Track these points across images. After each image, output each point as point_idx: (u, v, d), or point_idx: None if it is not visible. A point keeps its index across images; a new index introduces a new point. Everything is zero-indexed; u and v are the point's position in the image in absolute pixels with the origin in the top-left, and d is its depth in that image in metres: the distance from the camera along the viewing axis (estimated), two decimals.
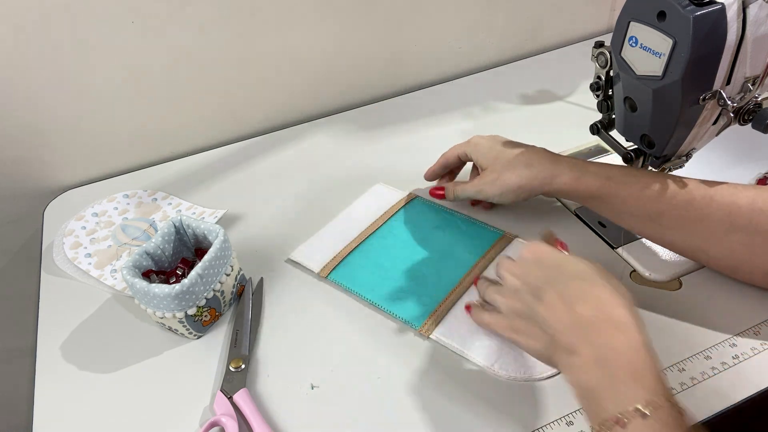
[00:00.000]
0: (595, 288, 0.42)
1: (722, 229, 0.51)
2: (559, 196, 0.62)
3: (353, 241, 0.65)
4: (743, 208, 0.50)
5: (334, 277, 0.62)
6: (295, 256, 0.65)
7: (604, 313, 0.40)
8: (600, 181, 0.55)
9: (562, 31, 1.00)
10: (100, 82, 0.74)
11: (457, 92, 0.92)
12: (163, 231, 0.59)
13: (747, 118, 0.52)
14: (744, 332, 0.53)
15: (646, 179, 0.54)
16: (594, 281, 0.42)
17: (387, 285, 0.60)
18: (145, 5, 0.70)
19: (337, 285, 0.61)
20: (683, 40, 0.46)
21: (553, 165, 0.58)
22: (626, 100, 0.55)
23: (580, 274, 0.43)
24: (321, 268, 0.62)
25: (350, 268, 0.62)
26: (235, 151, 0.84)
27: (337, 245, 0.65)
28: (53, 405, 0.54)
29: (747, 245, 0.51)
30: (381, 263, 0.63)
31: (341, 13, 0.82)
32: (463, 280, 0.60)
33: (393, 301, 0.59)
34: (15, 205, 0.79)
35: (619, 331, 0.39)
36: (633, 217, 0.55)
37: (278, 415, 0.51)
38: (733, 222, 0.50)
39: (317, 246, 0.65)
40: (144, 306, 0.55)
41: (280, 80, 0.84)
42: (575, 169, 0.57)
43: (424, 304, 0.58)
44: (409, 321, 0.57)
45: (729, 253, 0.52)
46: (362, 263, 0.63)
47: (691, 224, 0.52)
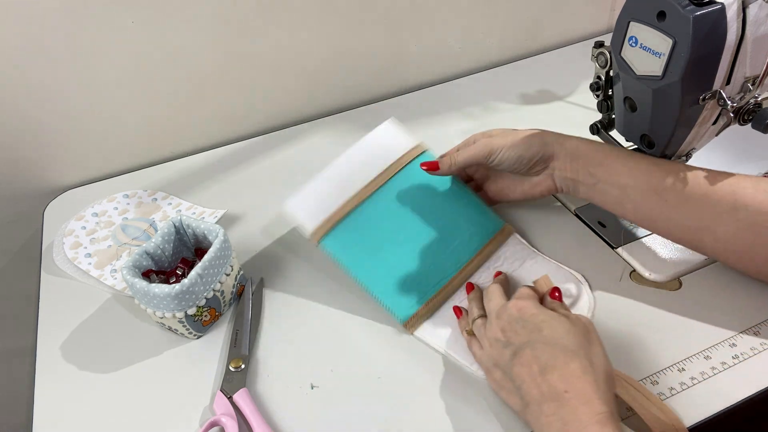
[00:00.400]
0: (570, 359, 0.43)
1: (728, 206, 0.50)
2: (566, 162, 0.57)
3: (351, 200, 0.61)
4: (747, 187, 0.50)
5: (326, 244, 0.59)
6: (290, 208, 0.60)
7: (573, 385, 0.42)
8: (609, 149, 0.56)
9: (562, 31, 1.00)
10: (100, 82, 0.74)
11: (457, 92, 0.92)
12: (163, 231, 0.59)
13: (747, 118, 0.52)
14: (744, 332, 0.53)
15: (652, 158, 0.55)
16: (570, 351, 0.44)
17: (379, 264, 0.59)
18: (144, 5, 0.70)
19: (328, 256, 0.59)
20: (683, 40, 0.46)
21: (563, 134, 0.59)
22: (626, 100, 0.55)
23: (558, 341, 0.45)
24: (314, 229, 0.59)
25: (343, 235, 0.59)
26: (235, 151, 0.84)
27: (333, 201, 0.60)
28: (53, 405, 0.54)
29: (753, 225, 0.50)
30: (377, 235, 0.60)
31: (341, 13, 0.82)
32: (455, 278, 0.59)
33: (382, 287, 0.58)
34: (15, 205, 0.79)
35: (585, 404, 0.41)
36: (638, 193, 0.54)
37: (278, 415, 0.51)
38: (738, 199, 0.50)
39: (313, 198, 0.61)
40: (144, 306, 0.55)
41: (280, 80, 0.84)
42: (586, 139, 0.58)
43: (413, 298, 0.57)
44: (395, 313, 0.56)
45: (735, 233, 0.51)
46: (357, 232, 0.60)
47: (696, 200, 0.51)
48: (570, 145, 0.57)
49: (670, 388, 0.50)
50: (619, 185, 0.55)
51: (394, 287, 0.58)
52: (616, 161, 0.55)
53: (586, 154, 0.56)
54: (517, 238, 0.63)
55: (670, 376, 0.51)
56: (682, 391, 0.50)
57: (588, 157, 0.56)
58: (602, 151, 0.56)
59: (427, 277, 0.58)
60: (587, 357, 0.44)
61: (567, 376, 0.42)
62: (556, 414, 0.41)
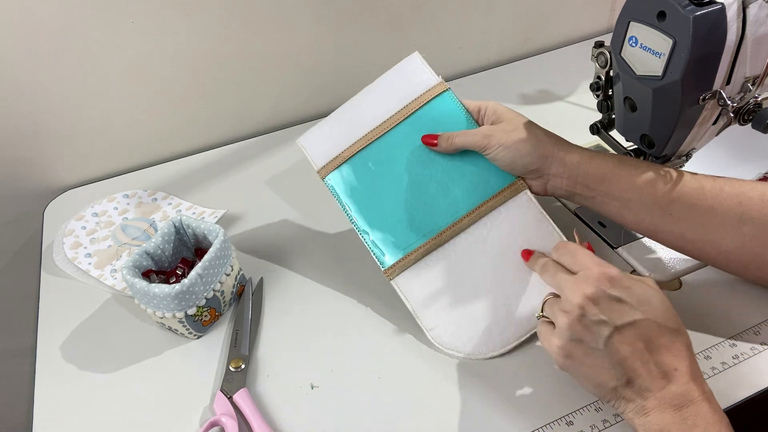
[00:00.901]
0: (675, 336, 0.43)
1: (734, 219, 0.50)
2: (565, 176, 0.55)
3: (362, 139, 0.60)
4: (754, 199, 0.49)
5: (331, 180, 0.60)
6: (302, 142, 0.62)
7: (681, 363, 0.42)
8: (613, 162, 0.54)
9: (562, 31, 1.00)
10: (100, 82, 0.74)
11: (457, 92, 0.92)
12: (163, 231, 0.59)
13: (747, 118, 0.52)
14: (744, 332, 0.53)
15: (656, 167, 0.53)
16: (673, 327, 0.43)
17: (376, 206, 0.58)
18: (145, 6, 0.70)
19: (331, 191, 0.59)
20: (683, 40, 0.46)
21: (568, 143, 0.56)
22: (626, 100, 0.55)
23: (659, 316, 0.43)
24: (322, 166, 0.60)
25: (349, 174, 0.59)
26: (235, 151, 0.84)
27: (345, 139, 0.61)
28: (53, 405, 0.54)
29: (758, 238, 0.49)
30: (380, 177, 0.59)
31: (341, 13, 0.82)
32: (446, 230, 0.56)
33: (372, 228, 0.57)
34: (15, 205, 0.79)
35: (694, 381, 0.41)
36: (642, 206, 0.52)
37: (278, 415, 0.51)
38: (744, 212, 0.49)
39: (326, 135, 0.62)
40: (144, 306, 0.55)
41: (280, 80, 0.84)
42: (588, 150, 0.55)
43: (400, 245, 0.56)
44: (377, 257, 0.57)
45: (740, 246, 0.51)
46: (362, 172, 0.59)
47: (702, 214, 0.51)
48: (570, 161, 0.54)
49: None
50: (621, 199, 0.53)
51: (384, 231, 0.57)
52: (620, 176, 0.53)
53: (586, 170, 0.54)
54: (528, 195, 0.57)
55: None
56: None
57: (589, 173, 0.54)
58: (604, 165, 0.54)
59: (419, 225, 0.57)
60: (687, 337, 0.43)
61: (675, 353, 0.42)
62: (667, 390, 0.41)
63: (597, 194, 0.54)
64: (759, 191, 0.50)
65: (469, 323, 0.54)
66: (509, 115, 0.58)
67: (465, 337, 0.54)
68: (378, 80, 0.63)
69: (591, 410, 0.49)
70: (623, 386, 0.43)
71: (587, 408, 0.49)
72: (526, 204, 0.57)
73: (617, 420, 0.48)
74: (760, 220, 0.49)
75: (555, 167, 0.54)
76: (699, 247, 0.52)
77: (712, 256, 0.53)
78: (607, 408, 0.49)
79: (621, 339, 0.42)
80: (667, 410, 0.41)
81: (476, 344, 0.54)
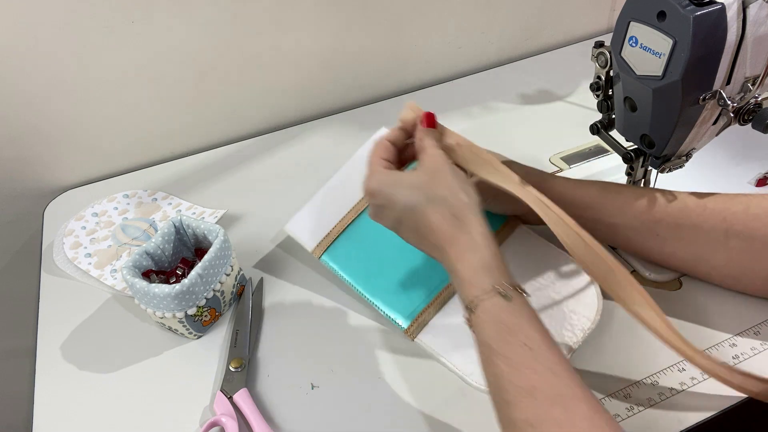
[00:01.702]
0: (428, 212, 0.45)
1: (719, 235, 0.51)
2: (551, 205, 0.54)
3: (350, 213, 0.61)
4: (738, 214, 0.50)
5: (327, 259, 0.60)
6: (291, 228, 0.63)
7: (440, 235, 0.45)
8: (597, 190, 0.55)
9: (562, 31, 1.00)
10: (100, 82, 0.74)
11: (457, 92, 0.92)
12: (163, 231, 0.59)
13: (747, 118, 0.52)
14: (744, 332, 0.53)
15: (640, 190, 0.54)
16: (425, 205, 0.46)
17: (378, 274, 0.58)
18: (145, 5, 0.70)
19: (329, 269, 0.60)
20: (683, 40, 0.46)
21: (548, 176, 0.56)
22: (626, 100, 0.55)
23: (407, 206, 0.46)
24: (315, 246, 0.61)
25: (342, 249, 0.60)
26: (235, 151, 0.84)
27: (332, 217, 0.62)
28: (53, 405, 0.54)
29: (746, 251, 0.50)
30: (374, 245, 0.59)
31: (341, 12, 0.82)
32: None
33: (382, 296, 0.57)
34: (15, 205, 0.79)
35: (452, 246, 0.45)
36: (629, 230, 0.54)
37: (278, 415, 0.51)
38: (729, 228, 0.50)
39: (313, 216, 0.62)
40: (144, 306, 0.55)
41: (280, 80, 0.84)
42: (571, 180, 0.56)
43: (413, 304, 0.56)
44: (395, 321, 0.56)
45: (729, 261, 0.52)
46: (355, 244, 0.60)
47: (688, 232, 0.52)
48: (554, 192, 0.53)
49: (670, 388, 0.50)
50: (609, 224, 0.54)
51: (393, 296, 0.57)
52: (604, 204, 0.54)
53: (572, 198, 0.54)
54: (524, 228, 0.60)
55: (670, 376, 0.51)
56: (682, 391, 0.50)
57: (574, 203, 0.54)
58: (588, 195, 0.54)
59: (425, 283, 0.57)
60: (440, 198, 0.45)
61: (432, 227, 0.45)
62: (445, 261, 0.46)
63: (586, 221, 0.52)
64: (743, 205, 0.50)
65: None
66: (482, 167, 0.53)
67: None
68: (353, 157, 0.64)
69: None
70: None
71: None
72: (525, 236, 0.59)
73: (617, 420, 0.48)
74: (746, 234, 0.50)
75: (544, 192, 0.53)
76: (690, 265, 0.54)
77: (703, 272, 0.54)
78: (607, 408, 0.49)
79: (403, 235, 0.49)
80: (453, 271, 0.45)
81: None
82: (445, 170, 0.47)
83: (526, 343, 0.39)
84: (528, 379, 0.38)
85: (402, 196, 0.46)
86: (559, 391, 0.37)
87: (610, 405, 0.49)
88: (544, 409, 0.36)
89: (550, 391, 0.37)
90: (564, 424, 0.35)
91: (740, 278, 0.53)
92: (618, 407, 0.49)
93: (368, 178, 0.49)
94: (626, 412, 0.48)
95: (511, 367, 0.39)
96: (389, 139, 0.51)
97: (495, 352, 0.40)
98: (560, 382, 0.38)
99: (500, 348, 0.40)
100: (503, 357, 0.39)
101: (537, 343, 0.39)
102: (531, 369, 0.38)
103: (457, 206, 0.45)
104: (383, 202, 0.48)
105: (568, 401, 0.36)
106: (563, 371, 0.38)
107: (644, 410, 0.48)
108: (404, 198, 0.46)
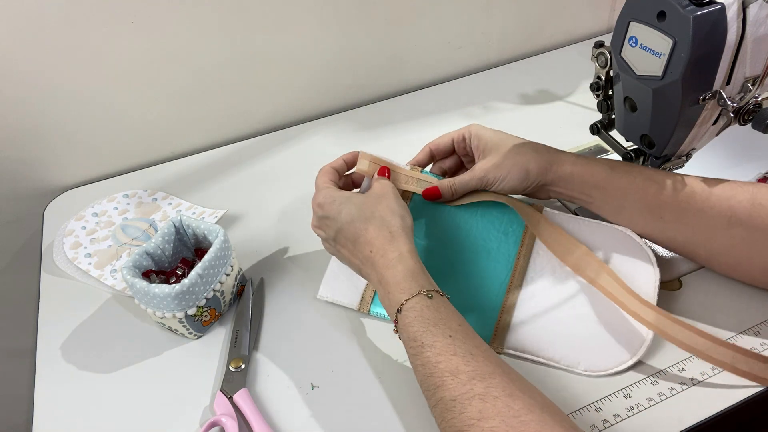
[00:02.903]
0: (368, 226, 0.52)
1: (723, 222, 0.51)
2: (562, 186, 0.57)
3: None
4: (743, 202, 0.50)
5: (377, 310, 0.58)
6: (325, 295, 0.60)
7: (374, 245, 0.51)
8: (605, 170, 0.55)
9: (562, 31, 1.00)
10: (100, 82, 0.74)
11: (457, 92, 0.92)
12: (163, 231, 0.59)
13: (747, 118, 0.52)
14: (744, 332, 0.53)
15: (648, 172, 0.54)
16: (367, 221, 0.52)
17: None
18: (145, 5, 0.70)
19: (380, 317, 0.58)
20: (683, 40, 0.46)
21: (559, 152, 0.58)
22: (626, 100, 0.55)
23: (355, 216, 0.53)
24: (359, 302, 0.58)
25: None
26: (235, 151, 0.84)
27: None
28: (53, 405, 0.54)
29: (747, 240, 0.50)
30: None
31: (342, 13, 0.82)
32: (512, 282, 0.56)
33: None
34: (15, 205, 0.79)
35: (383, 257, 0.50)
36: (634, 211, 0.55)
37: (278, 415, 0.51)
38: (733, 216, 0.50)
39: (341, 277, 0.60)
40: (144, 306, 0.55)
41: (280, 80, 0.84)
42: (581, 158, 0.57)
43: (483, 321, 0.54)
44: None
45: (729, 248, 0.52)
46: None
47: (692, 217, 0.52)
48: (564, 172, 0.56)
49: (670, 388, 0.50)
50: (615, 205, 0.55)
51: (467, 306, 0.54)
52: (612, 183, 0.55)
53: (581, 178, 0.56)
54: (549, 212, 0.59)
55: (671, 376, 0.51)
56: (682, 391, 0.50)
57: (583, 180, 0.56)
58: (597, 173, 0.55)
59: (486, 293, 0.56)
60: (379, 217, 0.52)
61: (369, 239, 0.51)
62: (373, 272, 0.51)
63: (594, 200, 0.56)
64: (749, 194, 0.50)
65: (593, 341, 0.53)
66: (494, 141, 0.59)
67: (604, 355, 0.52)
68: None
69: (591, 410, 0.49)
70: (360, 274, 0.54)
71: (587, 408, 0.49)
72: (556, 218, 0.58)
73: (617, 420, 0.48)
74: (749, 223, 0.50)
75: (551, 180, 0.57)
76: (690, 249, 0.54)
77: (702, 257, 0.55)
78: (607, 408, 0.49)
79: (340, 245, 0.54)
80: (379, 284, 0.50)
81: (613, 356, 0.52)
82: (390, 196, 0.54)
83: (447, 333, 0.45)
84: (450, 362, 0.43)
85: (348, 210, 0.53)
86: (477, 370, 0.42)
87: (610, 405, 0.49)
88: (466, 385, 0.42)
89: (470, 371, 0.42)
90: (484, 395, 0.41)
91: (738, 267, 0.54)
92: (618, 407, 0.49)
93: (318, 193, 0.56)
94: (626, 412, 0.48)
95: (436, 354, 0.44)
96: (333, 167, 0.59)
97: (422, 343, 0.45)
98: (478, 362, 0.43)
99: (426, 339, 0.45)
100: (429, 346, 0.45)
101: (457, 332, 0.45)
102: (453, 353, 0.44)
103: (393, 225, 0.52)
104: (329, 214, 0.54)
105: (486, 377, 0.42)
106: (480, 353, 0.44)
107: (644, 410, 0.48)
108: (349, 212, 0.53)
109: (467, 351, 0.44)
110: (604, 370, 0.51)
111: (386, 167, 0.59)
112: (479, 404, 0.40)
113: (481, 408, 0.40)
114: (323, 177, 0.58)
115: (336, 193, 0.55)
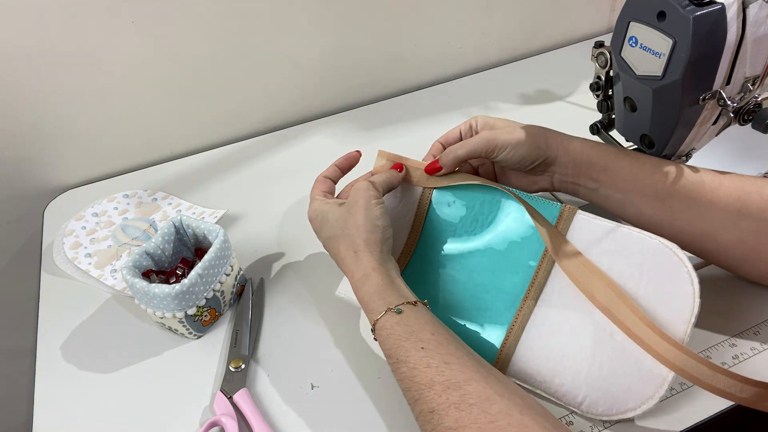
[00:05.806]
0: (339, 245, 0.53)
1: (732, 213, 0.50)
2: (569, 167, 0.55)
3: (400, 259, 0.58)
4: (753, 195, 0.49)
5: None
6: (343, 291, 0.60)
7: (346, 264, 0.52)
8: (614, 153, 0.55)
9: (562, 31, 1.00)
10: (100, 82, 0.74)
11: (457, 92, 0.92)
12: (163, 231, 0.59)
13: (747, 118, 0.52)
14: (744, 332, 0.53)
15: (656, 160, 0.54)
16: (338, 238, 0.53)
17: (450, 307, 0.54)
18: (145, 6, 0.70)
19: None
20: (683, 40, 0.46)
21: (567, 134, 0.57)
22: (626, 100, 0.55)
23: (328, 236, 0.55)
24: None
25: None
26: (235, 151, 0.84)
27: None
28: (53, 405, 0.54)
29: (756, 233, 0.50)
30: (436, 281, 0.56)
31: (342, 13, 0.82)
32: (525, 298, 0.52)
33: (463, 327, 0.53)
34: (15, 205, 0.79)
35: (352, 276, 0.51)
36: (643, 198, 0.53)
37: (278, 415, 0.51)
38: (743, 207, 0.49)
39: None
40: (144, 306, 0.55)
41: (280, 80, 0.84)
42: (590, 141, 0.56)
43: (489, 336, 0.52)
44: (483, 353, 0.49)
45: (738, 241, 0.51)
46: (417, 286, 0.54)
47: (701, 208, 0.51)
48: (573, 150, 0.56)
49: (670, 388, 0.50)
50: (623, 191, 0.54)
51: (474, 324, 0.53)
52: (620, 166, 0.54)
53: (589, 159, 0.55)
54: (583, 215, 0.51)
55: None
56: (682, 390, 0.50)
57: (591, 162, 0.55)
58: (606, 155, 0.55)
59: (496, 307, 0.53)
60: (347, 235, 0.52)
61: (342, 257, 0.52)
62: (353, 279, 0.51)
63: (600, 185, 0.55)
64: (758, 187, 0.50)
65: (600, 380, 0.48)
66: (502, 122, 0.59)
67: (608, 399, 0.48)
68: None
69: None
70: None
71: None
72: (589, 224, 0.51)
73: (617, 420, 0.48)
74: (759, 216, 0.49)
75: (561, 156, 0.56)
76: (698, 242, 0.53)
77: (710, 250, 0.53)
78: None
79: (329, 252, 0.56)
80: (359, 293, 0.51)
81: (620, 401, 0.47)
82: (358, 206, 0.52)
83: (419, 346, 0.45)
84: (425, 375, 0.43)
85: (326, 228, 0.55)
86: (452, 378, 0.42)
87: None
88: (441, 396, 0.42)
89: (444, 381, 0.42)
90: (459, 404, 0.41)
91: (745, 261, 0.52)
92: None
93: (309, 206, 0.58)
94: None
95: (411, 368, 0.44)
96: (326, 176, 0.60)
97: (397, 360, 0.45)
98: (453, 371, 0.43)
99: (400, 355, 0.45)
100: (403, 362, 0.45)
101: (429, 343, 0.45)
102: (426, 366, 0.43)
103: (357, 243, 0.51)
104: (315, 229, 0.57)
105: (462, 384, 0.42)
106: (456, 360, 0.44)
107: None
108: (327, 229, 0.55)
109: (441, 361, 0.43)
110: (608, 416, 0.47)
111: (400, 163, 0.58)
112: (455, 413, 0.40)
113: (457, 417, 0.40)
114: (315, 188, 0.59)
115: (321, 207, 0.56)
